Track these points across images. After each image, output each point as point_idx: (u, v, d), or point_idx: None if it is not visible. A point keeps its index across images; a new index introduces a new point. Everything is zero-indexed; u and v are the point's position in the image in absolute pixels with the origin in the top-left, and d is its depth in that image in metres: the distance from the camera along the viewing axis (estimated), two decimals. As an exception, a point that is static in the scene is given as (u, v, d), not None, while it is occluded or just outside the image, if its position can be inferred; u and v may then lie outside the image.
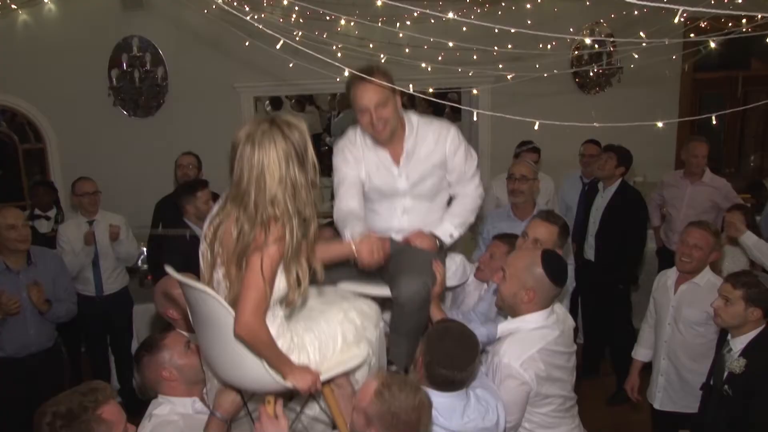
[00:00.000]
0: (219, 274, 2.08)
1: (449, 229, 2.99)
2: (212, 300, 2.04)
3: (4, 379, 4.05)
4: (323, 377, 2.21)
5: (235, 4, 4.05)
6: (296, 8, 4.91)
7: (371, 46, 5.49)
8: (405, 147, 2.92)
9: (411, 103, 10.48)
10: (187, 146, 5.47)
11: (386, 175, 2.96)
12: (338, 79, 3.47)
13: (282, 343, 2.13)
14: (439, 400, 2.32)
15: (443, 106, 9.15)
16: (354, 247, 2.47)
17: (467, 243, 6.99)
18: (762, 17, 2.26)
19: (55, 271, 4.28)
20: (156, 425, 2.42)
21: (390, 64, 5.12)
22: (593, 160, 5.60)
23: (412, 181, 2.97)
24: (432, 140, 2.94)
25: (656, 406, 3.98)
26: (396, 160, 2.95)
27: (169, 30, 6.27)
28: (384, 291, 2.75)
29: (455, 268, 3.41)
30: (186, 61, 6.40)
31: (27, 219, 5.46)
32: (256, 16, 4.12)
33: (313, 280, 2.16)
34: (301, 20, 5.08)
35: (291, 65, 4.69)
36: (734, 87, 7.78)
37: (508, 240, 3.55)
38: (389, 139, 2.87)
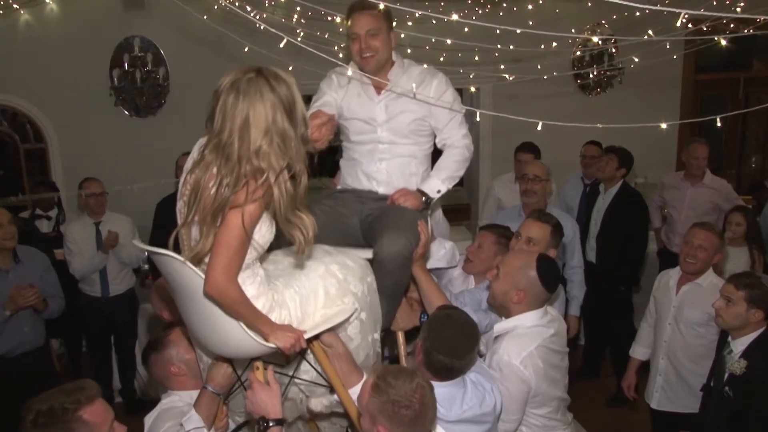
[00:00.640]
0: (195, 231, 1.98)
1: (436, 185, 2.90)
2: (180, 264, 1.96)
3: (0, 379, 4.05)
4: (308, 334, 2.14)
5: (236, 4, 4.05)
6: (297, 8, 4.91)
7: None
8: (390, 77, 2.91)
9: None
10: (188, 146, 5.37)
11: (366, 102, 2.93)
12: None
13: (264, 302, 2.07)
14: (439, 390, 2.31)
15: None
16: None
17: (464, 233, 7.01)
18: (763, 19, 2.26)
19: (42, 268, 4.29)
20: (162, 411, 2.45)
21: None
22: (594, 162, 5.60)
23: (390, 113, 2.90)
24: (417, 80, 2.89)
25: (654, 405, 3.98)
26: (378, 90, 2.94)
27: (170, 30, 6.27)
28: (366, 253, 2.70)
29: (444, 251, 3.36)
30: (187, 61, 6.40)
31: (30, 218, 5.50)
32: (257, 16, 4.12)
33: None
34: (302, 20, 5.07)
35: (290, 68, 4.68)
36: (736, 88, 7.77)
37: (497, 230, 3.58)
38: (375, 71, 2.87)
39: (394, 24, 2.94)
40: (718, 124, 2.90)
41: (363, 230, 2.82)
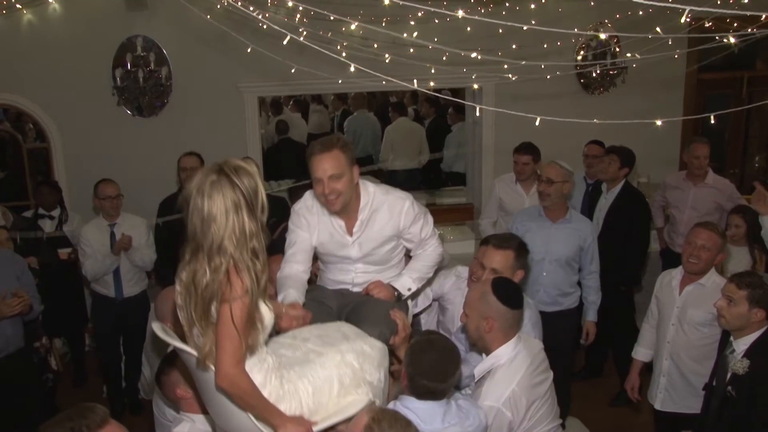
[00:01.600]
0: (197, 329, 2.06)
1: (407, 283, 3.02)
2: (188, 355, 2.07)
3: None
4: (319, 427, 2.17)
5: (239, 4, 4.05)
6: (300, 8, 4.91)
7: (375, 45, 5.49)
8: (359, 218, 2.93)
9: (414, 100, 10.51)
10: (190, 146, 5.47)
11: (339, 242, 2.99)
12: (340, 82, 3.48)
13: (270, 390, 2.10)
14: (419, 405, 2.40)
15: (446, 105, 9.17)
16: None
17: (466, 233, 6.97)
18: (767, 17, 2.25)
19: (18, 270, 4.27)
20: None
21: (394, 64, 5.12)
22: (597, 161, 5.59)
23: (364, 251, 2.99)
24: (386, 213, 2.95)
25: (657, 406, 3.98)
26: (349, 230, 2.96)
27: (173, 30, 6.27)
28: None
29: (422, 296, 3.49)
30: (190, 61, 6.40)
31: (33, 217, 5.51)
32: (260, 15, 4.12)
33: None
34: (305, 20, 5.07)
35: (293, 70, 4.68)
36: (739, 87, 7.75)
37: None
38: (341, 211, 2.89)
39: (401, 23, 2.93)
40: (712, 121, 2.90)
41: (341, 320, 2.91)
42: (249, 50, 4.69)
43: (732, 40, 3.05)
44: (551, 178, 4.35)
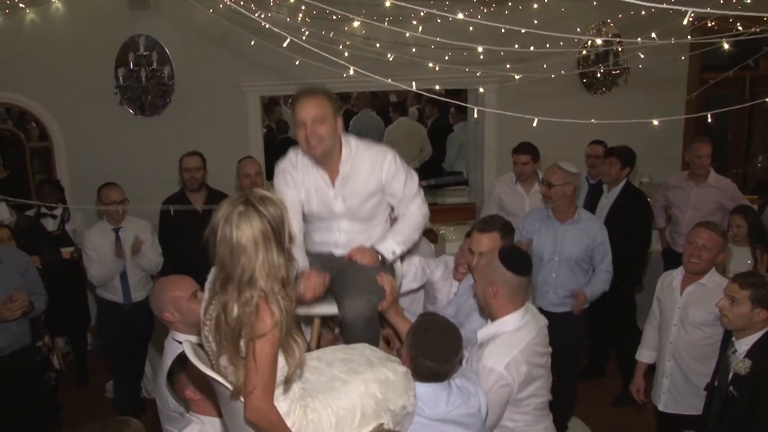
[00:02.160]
0: (224, 359, 2.06)
1: (392, 246, 3.01)
2: (219, 384, 2.08)
3: None
4: None
5: (241, 3, 4.05)
6: (302, 7, 4.91)
7: (377, 45, 5.49)
8: (341, 170, 2.93)
9: (418, 99, 10.49)
10: (193, 145, 5.47)
11: (323, 196, 2.98)
12: (344, 75, 3.48)
13: (294, 420, 2.10)
14: (423, 390, 2.40)
15: (448, 105, 9.16)
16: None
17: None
18: (770, 18, 2.25)
19: (22, 265, 4.26)
20: None
21: (396, 64, 5.12)
22: (599, 161, 5.59)
23: (348, 205, 2.98)
24: (368, 166, 2.95)
25: (661, 408, 3.97)
26: (332, 181, 2.96)
27: (175, 29, 6.28)
28: (333, 309, 2.84)
29: (414, 270, 3.49)
30: (192, 60, 6.41)
31: (35, 216, 5.51)
32: (262, 15, 4.12)
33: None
34: (307, 19, 5.08)
35: (297, 62, 4.69)
36: (742, 87, 7.74)
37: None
38: (323, 158, 2.88)
39: (403, 23, 2.94)
40: (709, 120, 2.90)
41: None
42: (252, 43, 4.69)
43: (725, 45, 3.04)
44: (550, 182, 4.38)
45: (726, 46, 2.97)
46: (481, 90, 6.16)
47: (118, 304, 5.09)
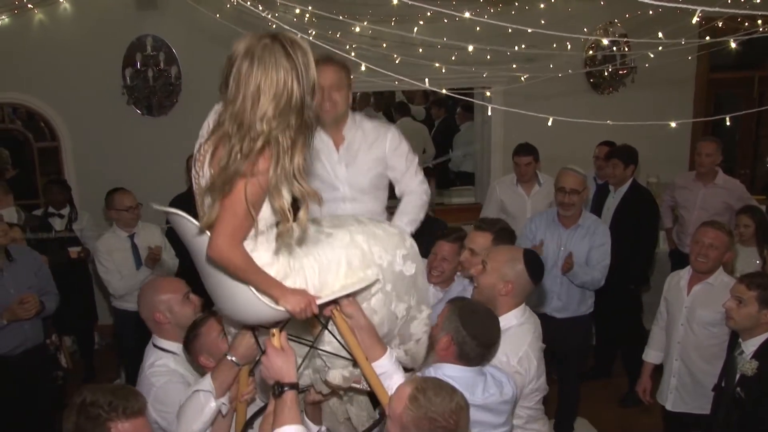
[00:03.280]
0: (208, 198, 1.96)
1: (400, 227, 2.98)
2: (187, 222, 1.98)
3: (1, 377, 4.06)
4: (322, 300, 2.12)
5: (248, 3, 4.06)
6: (309, 7, 4.92)
7: (384, 45, 5.49)
8: (346, 136, 3.03)
9: (426, 101, 10.50)
10: (199, 145, 5.48)
11: (327, 159, 3.03)
12: (352, 77, 3.49)
13: (277, 269, 2.05)
14: (462, 374, 2.43)
15: (454, 105, 9.16)
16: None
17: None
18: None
19: (35, 265, 4.28)
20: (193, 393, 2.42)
21: (403, 65, 5.12)
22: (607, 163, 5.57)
23: (351, 172, 3.03)
24: (372, 136, 3.06)
25: (668, 407, 3.96)
26: (337, 146, 3.04)
27: (182, 29, 6.29)
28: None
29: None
30: (199, 60, 6.41)
31: (43, 216, 5.53)
32: (270, 16, 4.13)
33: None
34: (314, 20, 5.08)
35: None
36: (750, 87, 7.70)
37: (454, 236, 3.62)
38: (332, 123, 2.98)
39: (410, 23, 2.95)
40: (728, 123, 2.89)
41: None
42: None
43: (732, 44, 3.03)
44: (576, 189, 4.28)
45: (733, 45, 2.96)
46: (488, 94, 6.15)
47: (136, 313, 5.03)
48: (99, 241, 5.05)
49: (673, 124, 2.90)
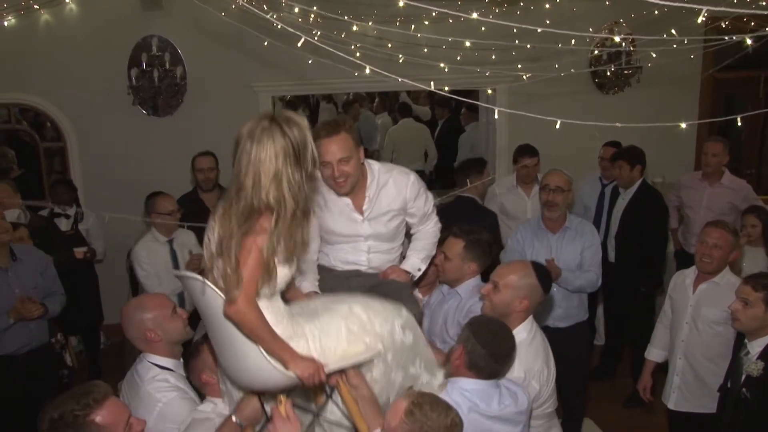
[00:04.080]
0: (219, 263, 2.08)
1: (416, 264, 3.20)
2: (202, 284, 2.08)
3: (7, 377, 4.08)
4: (330, 368, 2.16)
5: (253, 3, 4.06)
6: (314, 7, 4.93)
7: (389, 45, 5.49)
8: (367, 195, 3.02)
9: (430, 101, 10.50)
10: (205, 145, 5.50)
11: (348, 222, 3.06)
12: (356, 74, 3.50)
13: (282, 330, 2.11)
14: (476, 387, 2.46)
15: (459, 105, 9.15)
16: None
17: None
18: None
19: (41, 265, 4.27)
20: (193, 420, 2.48)
21: (408, 65, 5.12)
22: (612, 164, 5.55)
23: (375, 228, 3.08)
24: (393, 188, 3.07)
25: (671, 406, 3.95)
26: (359, 208, 3.04)
27: (188, 30, 6.30)
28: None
29: None
30: (205, 60, 6.43)
31: (49, 216, 5.55)
32: (274, 16, 4.13)
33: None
34: (319, 20, 5.09)
35: (310, 61, 4.71)
36: (756, 87, 7.67)
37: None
38: (349, 192, 2.96)
39: (414, 23, 2.94)
40: (739, 123, 2.88)
41: None
42: (266, 43, 4.71)
43: (748, 41, 3.01)
44: (561, 187, 4.18)
45: (749, 41, 2.94)
46: (490, 91, 6.14)
47: None
48: (138, 245, 4.96)
49: (683, 125, 2.90)
